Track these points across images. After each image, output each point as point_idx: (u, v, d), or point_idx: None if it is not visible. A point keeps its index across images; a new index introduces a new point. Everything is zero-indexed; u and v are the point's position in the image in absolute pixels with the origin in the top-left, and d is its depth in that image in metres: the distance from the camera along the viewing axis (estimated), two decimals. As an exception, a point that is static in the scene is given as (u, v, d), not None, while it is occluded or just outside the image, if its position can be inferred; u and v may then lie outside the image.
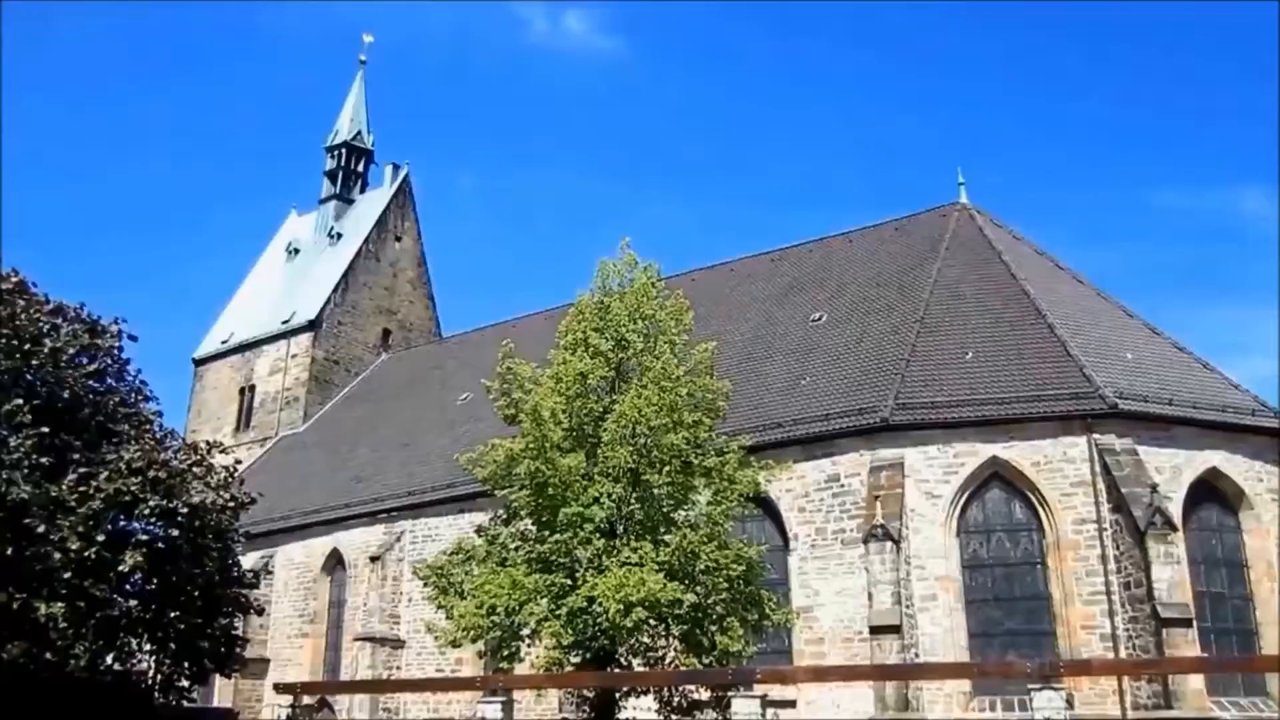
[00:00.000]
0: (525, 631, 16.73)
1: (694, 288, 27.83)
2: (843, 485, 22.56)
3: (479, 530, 18.65)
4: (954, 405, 22.31)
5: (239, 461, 25.41)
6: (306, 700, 18.76)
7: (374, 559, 29.77)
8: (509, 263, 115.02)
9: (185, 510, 17.71)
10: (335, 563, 32.24)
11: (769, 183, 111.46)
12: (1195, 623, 19.36)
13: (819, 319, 28.27)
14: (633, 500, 16.73)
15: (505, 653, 17.04)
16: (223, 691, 30.51)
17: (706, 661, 16.30)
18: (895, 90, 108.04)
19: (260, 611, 23.67)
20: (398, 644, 28.73)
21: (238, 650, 20.31)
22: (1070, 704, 13.15)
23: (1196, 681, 18.68)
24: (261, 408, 44.60)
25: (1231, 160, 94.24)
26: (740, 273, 33.67)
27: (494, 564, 17.07)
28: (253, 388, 45.35)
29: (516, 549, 17.29)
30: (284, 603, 32.81)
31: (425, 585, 18.55)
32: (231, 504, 19.50)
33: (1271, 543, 21.47)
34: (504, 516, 18.36)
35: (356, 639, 29.18)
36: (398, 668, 28.54)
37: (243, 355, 46.30)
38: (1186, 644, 18.82)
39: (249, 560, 30.00)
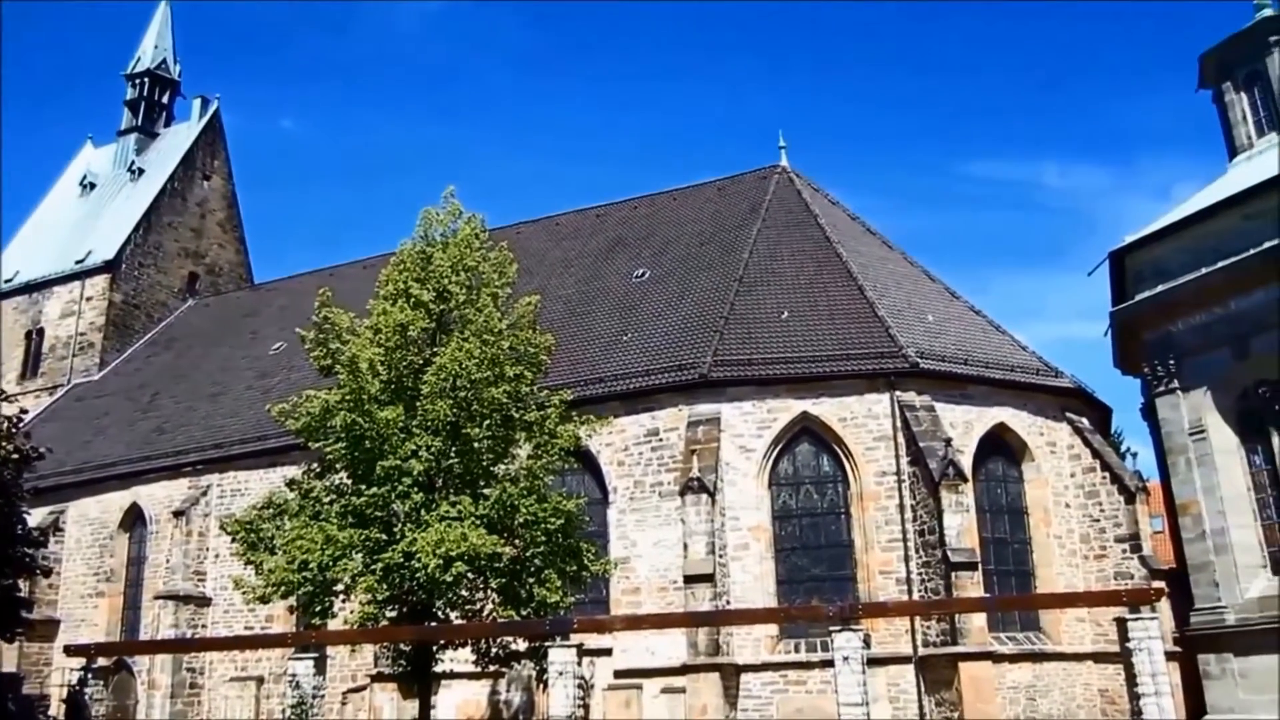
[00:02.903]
0: (339, 587, 16.45)
1: (519, 241, 27.68)
2: (661, 439, 23.06)
3: (291, 483, 18.13)
4: (769, 363, 23.10)
5: (24, 411, 23.80)
6: (102, 662, 17.93)
7: (177, 514, 28.46)
8: (329, 209, 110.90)
9: (-39, 463, 16.47)
10: (135, 518, 30.61)
11: (597, 139, 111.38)
12: (980, 566, 20.88)
13: (642, 276, 28.61)
14: (452, 454, 16.62)
15: (318, 608, 16.71)
16: (6, 655, 28.60)
17: (525, 613, 16.45)
18: (722, 57, 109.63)
19: (48, 572, 22.35)
20: (203, 601, 27.66)
21: (21, 612, 19.13)
22: (867, 643, 14.00)
23: (979, 619, 20.21)
24: (51, 353, 41.54)
25: (1033, 136, 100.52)
26: (565, 228, 33.62)
27: (307, 518, 16.66)
28: (41, 331, 42.14)
29: (331, 503, 16.92)
30: (76, 561, 30.93)
31: (234, 541, 17.92)
32: (15, 456, 18.29)
33: (1048, 492, 23.34)
34: (318, 470, 17.92)
35: (158, 597, 27.92)
36: (203, 626, 27.50)
37: (29, 296, 42.88)
38: (972, 585, 20.28)
39: (36, 517, 28.23)
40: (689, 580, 20.86)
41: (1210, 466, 21.78)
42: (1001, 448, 23.49)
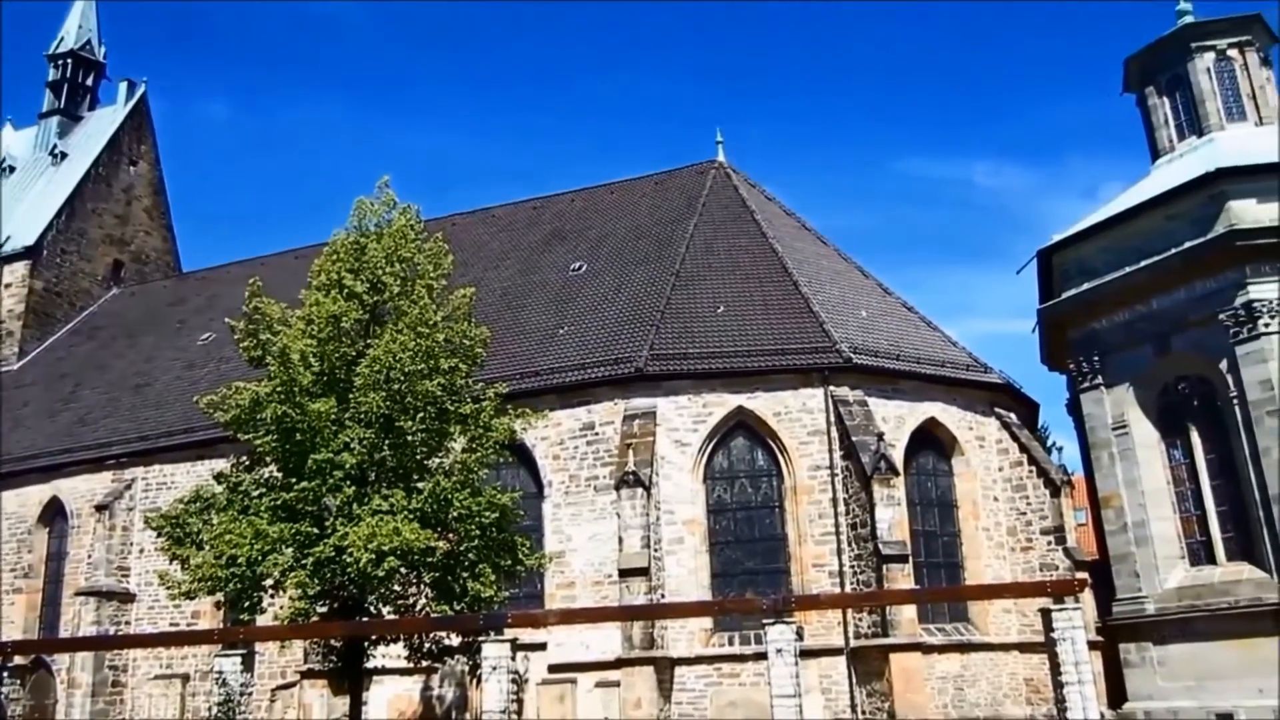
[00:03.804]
0: (268, 582, 16.15)
1: (454, 233, 27.38)
2: (597, 433, 23.03)
3: (219, 477, 17.74)
4: (704, 357, 23.19)
5: (-62, 402, 23.01)
6: (19, 660, 17.42)
7: (100, 508, 27.73)
8: (260, 198, 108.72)
9: None
10: (55, 513, 29.74)
11: (534, 132, 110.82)
12: (911, 558, 21.22)
13: (579, 269, 28.53)
14: (385, 447, 16.41)
15: (246, 604, 16.41)
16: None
17: (458, 607, 16.32)
18: (659, 53, 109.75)
19: (-37, 567, 21.63)
20: (127, 598, 26.99)
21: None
22: (800, 635, 14.11)
23: (910, 611, 20.55)
24: (-33, 342, 40.13)
25: (965, 136, 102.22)
26: (502, 220, 33.39)
27: (235, 512, 16.34)
28: (-44, 319, 40.68)
29: (260, 496, 16.60)
30: (-7, 557, 29.99)
31: (159, 535, 17.51)
32: (-72, 449, 17.60)
33: (977, 485, 23.78)
34: (247, 463, 17.58)
35: (79, 593, 27.15)
36: (127, 623, 26.82)
37: (-57, 282, 41.38)
38: (903, 578, 20.61)
39: (-50, 511, 27.37)
40: (624, 574, 20.87)
41: (1132, 460, 22.39)
42: (932, 442, 23.87)
